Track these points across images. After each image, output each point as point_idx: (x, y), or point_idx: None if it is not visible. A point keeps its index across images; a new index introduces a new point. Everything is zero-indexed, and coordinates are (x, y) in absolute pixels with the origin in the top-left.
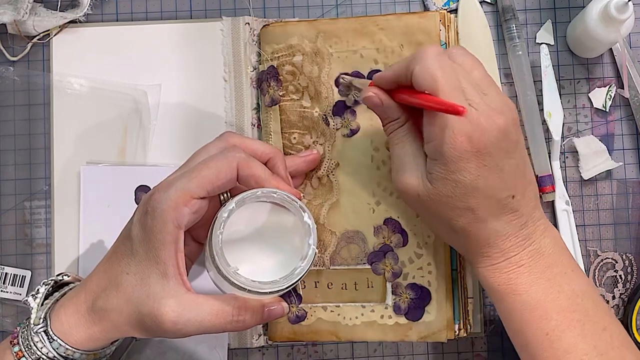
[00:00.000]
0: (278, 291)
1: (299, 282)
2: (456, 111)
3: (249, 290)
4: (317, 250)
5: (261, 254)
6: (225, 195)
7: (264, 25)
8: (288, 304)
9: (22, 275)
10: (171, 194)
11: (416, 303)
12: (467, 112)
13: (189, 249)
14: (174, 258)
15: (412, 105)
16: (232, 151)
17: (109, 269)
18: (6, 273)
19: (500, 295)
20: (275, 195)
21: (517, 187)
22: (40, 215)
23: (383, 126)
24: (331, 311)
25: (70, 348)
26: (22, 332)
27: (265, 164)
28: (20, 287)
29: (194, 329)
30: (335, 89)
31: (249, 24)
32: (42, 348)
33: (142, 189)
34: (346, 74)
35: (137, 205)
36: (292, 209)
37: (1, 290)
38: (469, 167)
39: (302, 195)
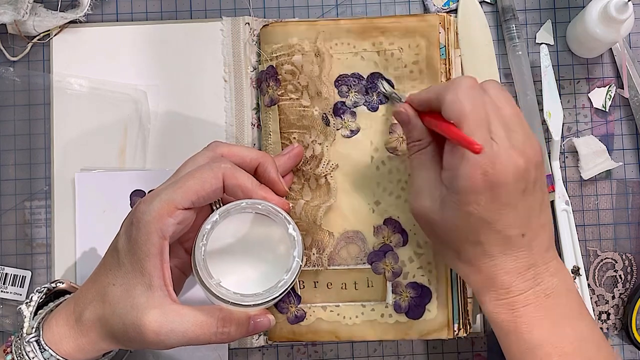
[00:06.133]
0: (262, 304)
1: (297, 284)
2: (472, 148)
3: (231, 302)
4: (301, 263)
5: (248, 266)
6: (217, 206)
7: (264, 25)
8: (287, 305)
9: (22, 276)
10: (155, 205)
11: (417, 301)
12: (487, 147)
13: (181, 261)
14: (159, 269)
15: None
16: (218, 161)
17: (97, 280)
18: (6, 273)
19: (504, 332)
20: (260, 206)
21: (529, 226)
22: (40, 215)
23: (407, 145)
24: (331, 311)
25: (61, 358)
26: (16, 342)
27: (256, 169)
28: (20, 287)
29: (176, 340)
30: (336, 90)
31: (249, 24)
32: (33, 358)
33: (137, 194)
34: (346, 77)
35: None
36: (277, 220)
37: (1, 291)
38: (480, 200)
39: (290, 205)
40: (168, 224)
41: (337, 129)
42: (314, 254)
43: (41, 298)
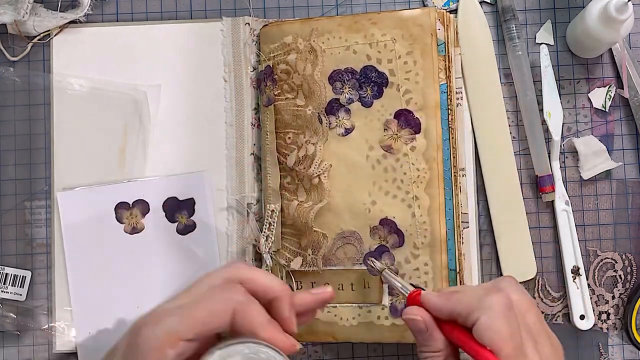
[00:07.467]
0: None
1: (294, 284)
2: None
3: None
4: None
5: None
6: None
7: (264, 26)
8: None
9: (22, 276)
10: (158, 333)
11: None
12: None
13: None
14: None
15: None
16: (232, 293)
17: None
18: (6, 273)
19: None
20: (262, 356)
21: None
22: (40, 215)
23: (420, 353)
24: (328, 312)
25: None
26: None
27: (270, 301)
28: (20, 287)
29: None
30: (329, 87)
31: (249, 24)
32: None
33: (121, 206)
34: (339, 72)
35: (118, 224)
36: None
37: (1, 291)
38: None
39: (298, 346)
40: (168, 355)
41: (331, 128)
42: (309, 254)
43: None
